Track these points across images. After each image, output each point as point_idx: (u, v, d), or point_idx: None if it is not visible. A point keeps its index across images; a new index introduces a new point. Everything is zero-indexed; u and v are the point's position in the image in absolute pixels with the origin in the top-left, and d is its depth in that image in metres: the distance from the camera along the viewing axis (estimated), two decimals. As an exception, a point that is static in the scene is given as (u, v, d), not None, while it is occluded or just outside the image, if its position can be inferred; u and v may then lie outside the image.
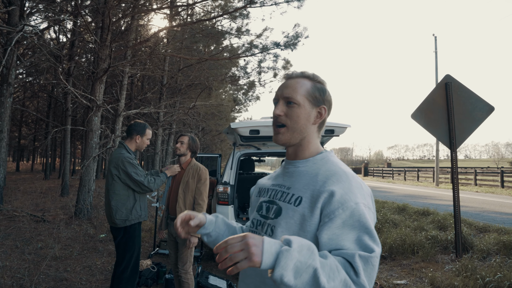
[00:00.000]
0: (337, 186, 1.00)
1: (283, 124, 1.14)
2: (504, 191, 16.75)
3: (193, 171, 3.38)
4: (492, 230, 6.13)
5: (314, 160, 1.15)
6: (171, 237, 3.48)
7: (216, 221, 1.26)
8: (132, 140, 3.33)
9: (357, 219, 0.95)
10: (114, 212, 3.11)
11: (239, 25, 12.21)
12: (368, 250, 0.91)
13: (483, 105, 4.90)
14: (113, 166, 3.15)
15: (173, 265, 3.52)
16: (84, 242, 5.96)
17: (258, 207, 1.22)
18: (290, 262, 0.81)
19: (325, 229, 0.96)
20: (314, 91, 1.15)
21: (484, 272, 4.10)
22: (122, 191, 3.15)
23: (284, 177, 1.19)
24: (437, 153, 22.21)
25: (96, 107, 7.90)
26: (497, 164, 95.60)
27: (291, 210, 1.06)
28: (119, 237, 3.17)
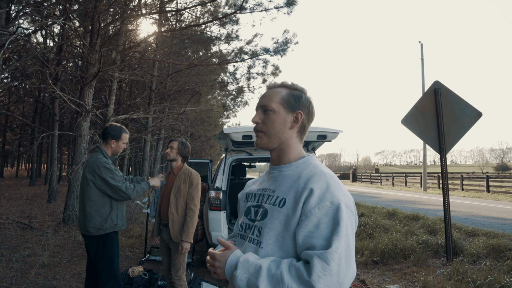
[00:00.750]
0: (316, 185, 1.06)
1: (261, 130, 1.22)
2: (490, 196, 17.05)
3: (184, 176, 3.36)
4: (481, 234, 6.22)
5: (296, 164, 1.21)
6: (163, 243, 3.44)
7: None
8: (107, 144, 3.16)
9: (332, 217, 1.01)
10: (88, 220, 2.93)
11: (228, 31, 12.23)
12: (327, 247, 0.97)
13: (471, 110, 4.99)
14: (88, 171, 2.98)
15: (166, 272, 3.47)
16: (73, 249, 5.85)
17: (246, 211, 1.27)
18: (240, 282, 1.04)
19: (302, 227, 1.03)
20: (289, 97, 1.22)
21: (475, 276, 4.16)
22: (97, 198, 2.97)
23: (270, 181, 1.25)
24: (424, 159, 22.51)
25: (85, 112, 7.81)
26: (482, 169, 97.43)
27: (276, 212, 1.12)
28: (94, 246, 3.00)
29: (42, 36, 13.58)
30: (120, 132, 3.19)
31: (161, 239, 3.46)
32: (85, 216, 2.95)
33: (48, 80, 7.14)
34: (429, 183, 24.28)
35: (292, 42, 10.59)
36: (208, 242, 5.09)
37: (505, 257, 4.95)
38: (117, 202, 3.08)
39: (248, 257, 1.06)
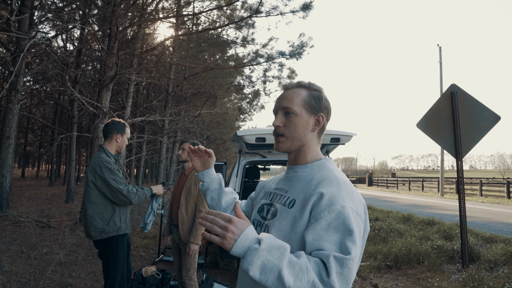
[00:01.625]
0: (326, 189, 1.05)
1: (282, 134, 1.19)
2: (511, 202, 16.58)
3: (195, 177, 3.37)
4: (499, 240, 6.06)
5: (312, 166, 1.20)
6: (174, 243, 3.48)
7: (213, 177, 1.52)
8: (112, 140, 2.99)
9: (342, 222, 0.98)
10: (89, 223, 2.78)
11: (244, 35, 12.31)
12: (344, 252, 0.94)
13: (489, 114, 4.89)
14: (90, 171, 2.82)
15: (177, 272, 3.52)
16: (88, 248, 5.97)
17: (259, 208, 1.27)
18: (256, 259, 0.89)
19: (311, 230, 1.00)
20: (310, 99, 1.20)
21: (492, 283, 4.06)
22: (98, 200, 2.81)
23: (285, 181, 1.25)
24: (442, 163, 22.08)
25: (102, 114, 7.97)
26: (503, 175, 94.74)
27: (285, 212, 1.12)
28: (99, 251, 2.88)
29: (63, 40, 13.97)
30: (123, 126, 3.08)
31: (172, 239, 3.51)
32: (87, 219, 2.82)
33: (67, 83, 7.32)
34: (447, 188, 23.78)
35: (308, 45, 10.58)
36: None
37: (524, 264, 4.82)
38: (118, 205, 2.91)
39: (270, 236, 0.94)
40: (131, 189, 2.87)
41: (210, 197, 1.48)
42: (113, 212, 2.86)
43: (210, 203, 1.49)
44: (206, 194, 1.50)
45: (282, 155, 5.84)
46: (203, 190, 1.50)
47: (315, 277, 0.90)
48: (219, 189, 1.49)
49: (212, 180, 1.50)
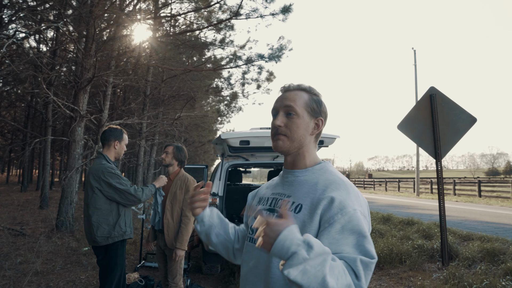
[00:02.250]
0: (336, 193, 1.06)
1: (283, 134, 1.18)
2: (482, 200, 17.22)
3: (181, 182, 3.33)
4: (475, 238, 6.26)
5: (313, 170, 1.20)
6: (159, 249, 3.41)
7: (211, 212, 1.34)
8: (110, 147, 3.06)
9: (356, 224, 1.00)
10: (95, 229, 2.82)
11: (223, 37, 12.26)
12: (369, 256, 0.96)
13: (466, 116, 5.05)
14: (93, 178, 2.87)
15: (162, 278, 3.44)
16: (66, 256, 5.77)
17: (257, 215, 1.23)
18: (303, 266, 0.84)
19: (325, 234, 1.01)
20: (311, 102, 1.21)
21: (471, 280, 4.18)
22: (104, 206, 2.87)
23: (284, 186, 1.23)
24: (417, 164, 22.68)
25: (79, 117, 7.75)
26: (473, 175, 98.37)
27: (291, 217, 1.08)
28: (100, 256, 2.91)
29: (36, 40, 13.49)
30: (121, 133, 3.14)
31: (157, 245, 3.43)
32: (92, 225, 2.85)
33: (42, 85, 7.08)
34: (422, 188, 24.44)
35: (287, 48, 10.63)
36: (204, 248, 5.05)
37: (500, 260, 4.98)
38: (124, 208, 2.99)
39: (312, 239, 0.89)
40: (137, 188, 2.95)
41: (215, 234, 1.34)
42: (118, 217, 2.92)
43: (216, 241, 1.34)
44: (210, 233, 1.33)
45: (265, 158, 5.84)
46: (205, 230, 1.32)
47: (351, 280, 0.90)
48: (220, 223, 1.36)
49: (211, 215, 1.33)
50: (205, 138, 26.13)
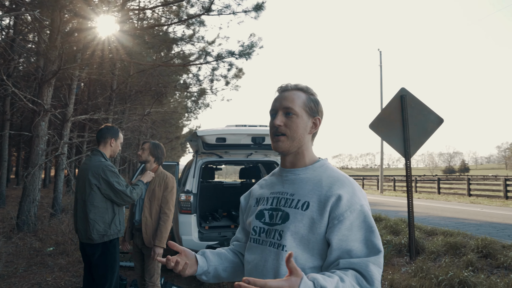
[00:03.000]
0: (342, 190, 1.10)
1: (283, 133, 1.19)
2: (441, 197, 18.12)
3: (159, 179, 3.27)
4: (439, 233, 6.58)
5: (313, 168, 1.22)
6: (136, 248, 3.33)
7: (206, 257, 1.28)
8: (106, 145, 3.06)
9: (363, 220, 1.06)
10: (92, 227, 2.81)
11: (193, 32, 12.06)
12: (376, 250, 1.02)
13: (434, 117, 5.28)
14: (92, 175, 2.85)
15: (139, 278, 3.36)
16: (29, 257, 5.49)
17: (258, 215, 1.25)
18: None
19: (335, 231, 1.05)
20: (309, 102, 1.23)
21: (437, 272, 4.40)
22: (101, 203, 2.87)
23: (284, 184, 1.24)
24: (381, 162, 23.48)
25: (43, 111, 7.39)
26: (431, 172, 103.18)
27: (299, 215, 1.12)
28: (97, 254, 2.87)
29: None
30: (117, 131, 3.15)
31: (133, 244, 3.35)
32: (88, 223, 2.83)
33: (2, 75, 6.67)
34: (385, 186, 25.35)
35: (258, 45, 10.62)
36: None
37: (461, 253, 5.29)
38: (118, 207, 2.99)
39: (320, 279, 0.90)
40: (131, 189, 2.97)
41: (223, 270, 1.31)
42: (114, 215, 2.93)
43: (227, 275, 1.33)
44: (219, 275, 1.30)
45: (239, 156, 5.82)
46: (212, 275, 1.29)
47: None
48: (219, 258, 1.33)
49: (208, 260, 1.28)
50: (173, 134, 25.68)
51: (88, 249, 2.91)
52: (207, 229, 5.33)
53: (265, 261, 1.14)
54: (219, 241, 4.74)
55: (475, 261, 4.83)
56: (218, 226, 5.58)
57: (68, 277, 4.70)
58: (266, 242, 1.17)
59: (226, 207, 6.68)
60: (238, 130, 4.75)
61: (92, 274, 2.94)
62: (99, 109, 13.29)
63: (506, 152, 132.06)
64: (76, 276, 4.74)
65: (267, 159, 5.71)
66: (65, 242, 6.25)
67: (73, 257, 5.52)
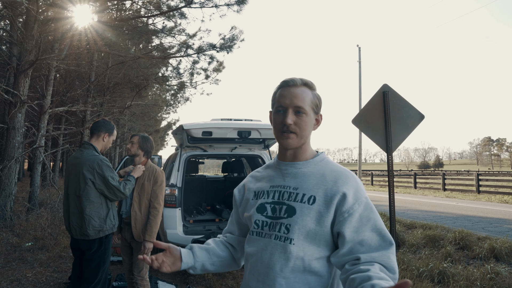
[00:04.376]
0: (348, 186, 1.15)
1: (293, 132, 1.21)
2: (418, 192, 18.64)
3: (148, 173, 3.24)
4: (418, 226, 6.79)
5: (314, 162, 1.25)
6: (125, 242, 3.29)
7: (193, 252, 1.31)
8: (99, 138, 3.01)
9: (370, 211, 1.13)
10: (87, 222, 2.76)
11: (174, 25, 11.87)
12: (389, 242, 1.09)
13: (415, 113, 5.41)
14: (87, 169, 2.79)
15: (127, 272, 3.32)
16: (7, 253, 5.33)
17: (259, 209, 1.26)
18: None
19: (347, 224, 1.11)
20: (315, 100, 1.26)
21: (418, 264, 4.54)
22: (96, 198, 2.82)
23: (285, 178, 1.26)
24: (359, 157, 23.94)
25: (20, 103, 7.14)
26: (407, 167, 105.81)
27: (306, 209, 1.15)
28: (93, 250, 2.82)
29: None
30: (113, 127, 3.12)
31: (122, 238, 3.31)
32: (83, 218, 2.78)
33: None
34: (363, 180, 25.83)
35: (239, 39, 10.55)
36: (162, 240, 4.95)
37: (440, 245, 5.48)
38: (111, 201, 2.95)
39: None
40: (124, 184, 2.94)
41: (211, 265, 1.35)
42: (108, 210, 2.91)
43: (214, 268, 1.36)
44: (207, 269, 1.34)
45: (223, 149, 5.81)
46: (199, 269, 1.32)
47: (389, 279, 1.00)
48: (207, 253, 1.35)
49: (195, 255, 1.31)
50: (152, 127, 25.29)
51: (83, 245, 2.84)
52: (192, 223, 5.31)
53: (271, 254, 1.16)
54: (205, 235, 4.74)
55: (453, 252, 5.02)
56: (203, 220, 5.57)
57: (49, 273, 4.60)
58: (270, 235, 1.18)
59: (210, 201, 6.67)
60: (224, 124, 4.74)
61: (82, 268, 2.89)
62: (77, 101, 12.93)
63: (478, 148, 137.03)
64: (57, 272, 4.64)
65: (251, 153, 5.73)
66: (44, 237, 6.09)
67: (53, 252, 5.39)
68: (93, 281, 2.81)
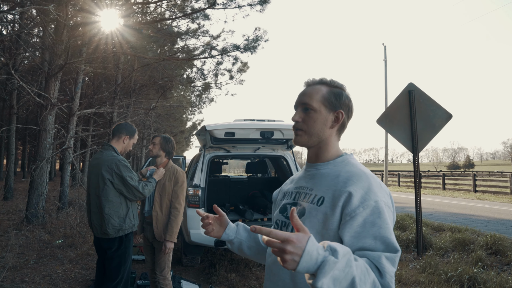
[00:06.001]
0: (357, 186, 1.07)
1: (301, 129, 1.20)
2: (446, 193, 18.03)
3: (170, 173, 3.27)
4: (446, 229, 6.57)
5: (334, 163, 1.20)
6: (147, 241, 3.34)
7: (237, 229, 1.37)
8: (119, 140, 3.07)
9: (377, 216, 1.02)
10: (107, 221, 2.83)
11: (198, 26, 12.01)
12: (392, 248, 0.98)
13: (442, 112, 5.24)
14: (106, 170, 2.85)
15: (149, 271, 3.38)
16: (39, 249, 5.54)
17: (282, 209, 1.26)
18: (333, 271, 0.82)
19: (348, 227, 1.02)
20: (330, 96, 1.21)
21: (446, 268, 4.38)
22: (115, 198, 2.87)
23: (306, 179, 1.24)
24: (386, 157, 23.41)
25: (50, 105, 7.41)
26: (436, 168, 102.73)
27: (314, 210, 1.11)
28: (113, 248, 2.89)
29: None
30: (134, 131, 3.18)
31: (144, 237, 3.36)
32: (103, 218, 2.84)
33: (10, 70, 6.69)
34: (390, 181, 25.29)
35: (263, 39, 10.57)
36: (185, 240, 5.00)
37: (470, 249, 5.27)
38: (130, 201, 3.00)
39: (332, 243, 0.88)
40: (143, 184, 2.98)
41: (247, 247, 1.37)
42: (128, 210, 2.95)
43: (250, 253, 1.38)
44: (242, 249, 1.37)
45: (247, 150, 5.82)
46: (236, 247, 1.37)
47: (375, 278, 0.92)
48: (248, 235, 1.38)
49: (237, 231, 1.37)
50: (177, 128, 25.65)
51: (104, 243, 2.91)
52: None
53: None
54: None
55: (484, 257, 4.81)
56: None
57: (77, 269, 4.74)
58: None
59: (233, 202, 6.69)
60: (247, 124, 4.74)
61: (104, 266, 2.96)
62: (104, 103, 13.31)
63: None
64: (85, 269, 4.78)
65: (274, 153, 5.71)
66: (73, 235, 6.29)
67: (82, 250, 5.56)
68: (115, 279, 2.88)
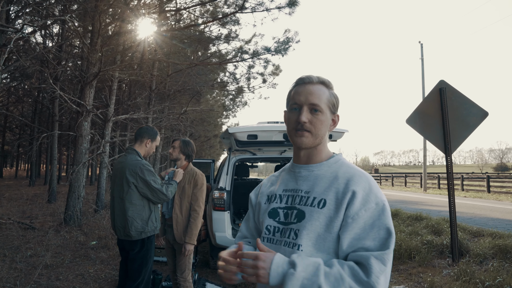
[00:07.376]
0: (359, 186, 1.07)
1: (308, 130, 1.16)
2: (491, 196, 17.01)
3: (189, 176, 3.31)
4: (486, 234, 6.18)
5: (328, 164, 1.18)
6: (168, 244, 3.40)
7: None
8: (142, 144, 3.13)
9: (377, 218, 1.03)
10: (130, 224, 2.90)
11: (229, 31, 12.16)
12: (384, 247, 1.00)
13: (477, 110, 4.95)
14: (130, 173, 2.92)
15: (171, 273, 3.43)
16: (75, 250, 5.80)
17: (271, 214, 1.21)
18: (296, 282, 0.94)
19: (348, 230, 1.03)
20: (332, 98, 1.19)
21: (483, 277, 4.11)
22: (138, 201, 2.95)
23: (298, 181, 1.20)
24: (424, 159, 22.49)
25: (86, 112, 7.76)
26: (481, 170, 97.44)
27: (315, 213, 1.08)
28: (136, 250, 2.96)
29: (42, 36, 13.52)
30: (156, 133, 3.22)
31: (166, 239, 3.42)
32: (126, 220, 2.92)
33: (49, 80, 7.08)
34: (429, 183, 24.26)
35: (294, 41, 10.51)
36: (212, 243, 5.04)
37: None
38: (154, 204, 3.07)
39: (300, 256, 1.00)
40: (166, 187, 3.04)
41: None
42: (150, 213, 3.01)
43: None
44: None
45: (272, 153, 5.78)
46: None
47: (351, 281, 0.94)
48: None
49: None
50: (211, 132, 26.03)
51: (126, 245, 2.99)
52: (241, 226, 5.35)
53: None
54: None
55: (528, 266, 4.47)
56: None
57: (108, 270, 4.91)
58: (280, 241, 1.13)
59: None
60: (269, 127, 4.72)
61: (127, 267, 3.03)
62: (139, 108, 13.76)
63: None
64: (115, 270, 4.94)
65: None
66: (106, 236, 6.53)
67: (114, 251, 5.76)
68: (137, 279, 2.94)
